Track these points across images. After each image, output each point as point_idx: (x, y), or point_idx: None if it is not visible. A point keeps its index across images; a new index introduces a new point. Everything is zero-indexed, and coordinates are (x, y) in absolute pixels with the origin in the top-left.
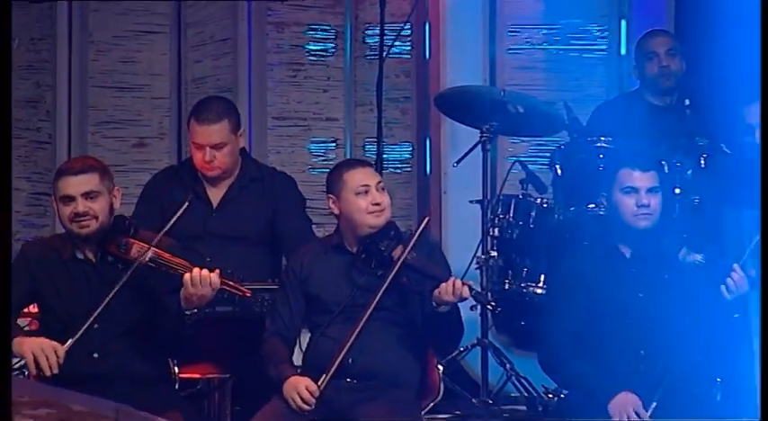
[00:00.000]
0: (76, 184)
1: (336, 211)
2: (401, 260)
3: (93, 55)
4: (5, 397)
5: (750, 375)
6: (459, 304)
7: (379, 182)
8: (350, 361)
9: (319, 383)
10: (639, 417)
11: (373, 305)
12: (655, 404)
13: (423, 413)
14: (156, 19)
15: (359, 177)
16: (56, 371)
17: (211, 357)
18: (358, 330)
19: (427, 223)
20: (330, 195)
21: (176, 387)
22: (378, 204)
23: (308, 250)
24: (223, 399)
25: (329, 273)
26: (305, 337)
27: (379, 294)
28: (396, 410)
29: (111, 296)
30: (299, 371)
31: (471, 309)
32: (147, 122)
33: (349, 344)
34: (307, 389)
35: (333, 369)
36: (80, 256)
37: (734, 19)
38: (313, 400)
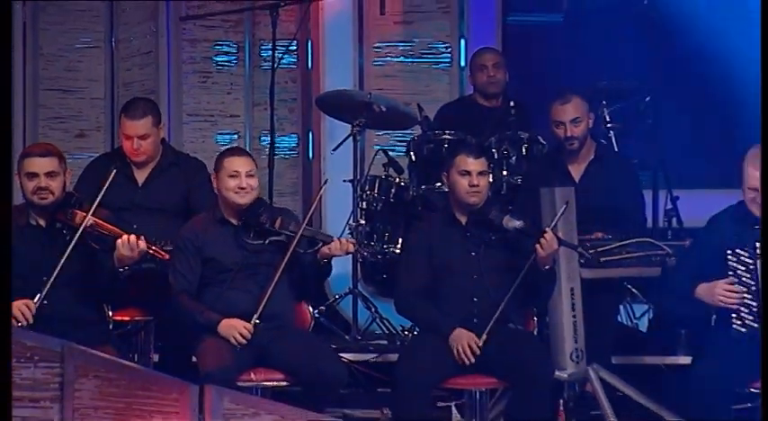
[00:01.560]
0: (41, 164)
1: (215, 189)
2: (300, 231)
3: (44, 64)
4: (5, 396)
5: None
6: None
7: (250, 169)
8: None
9: (252, 322)
10: (471, 347)
11: (282, 266)
12: (485, 336)
13: None
14: (94, 36)
15: (233, 164)
16: (30, 321)
17: (138, 303)
18: (273, 285)
19: (319, 201)
20: (213, 174)
21: (110, 327)
22: (243, 188)
23: (198, 222)
24: (147, 337)
25: (220, 241)
26: None
27: (286, 259)
28: (310, 344)
29: (66, 255)
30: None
31: None
32: (86, 118)
33: (268, 294)
34: (244, 328)
35: (260, 311)
36: (33, 223)
37: (547, 40)
38: (249, 336)
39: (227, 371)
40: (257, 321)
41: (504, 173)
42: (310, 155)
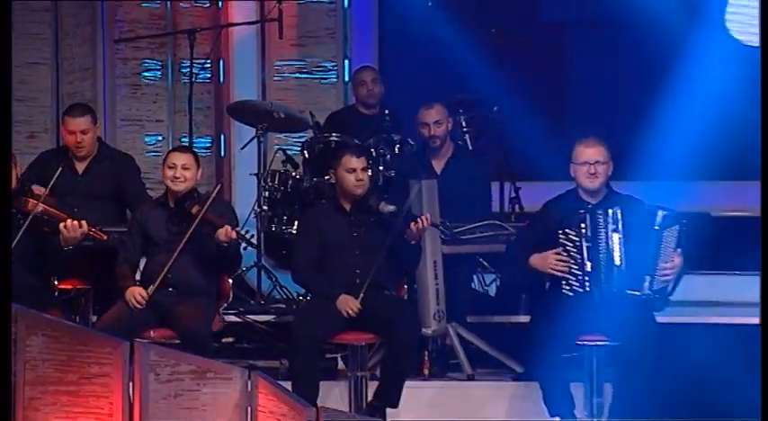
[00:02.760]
0: None
1: (161, 178)
2: (200, 214)
3: None
4: (6, 395)
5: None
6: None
7: (185, 163)
8: (169, 276)
9: (148, 291)
10: (352, 308)
11: (183, 241)
12: (362, 295)
13: (220, 310)
14: (43, 54)
15: (171, 157)
16: None
17: (80, 275)
18: (174, 257)
19: (220, 189)
20: (162, 167)
21: (56, 294)
22: (177, 177)
23: (146, 205)
24: (87, 303)
25: (157, 221)
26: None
27: (186, 236)
28: (199, 308)
29: (17, 238)
30: (137, 283)
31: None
32: (36, 122)
33: (168, 266)
34: (139, 294)
35: (158, 281)
36: None
37: (419, 56)
38: (144, 302)
39: (119, 328)
40: (153, 289)
41: (381, 168)
42: (222, 153)
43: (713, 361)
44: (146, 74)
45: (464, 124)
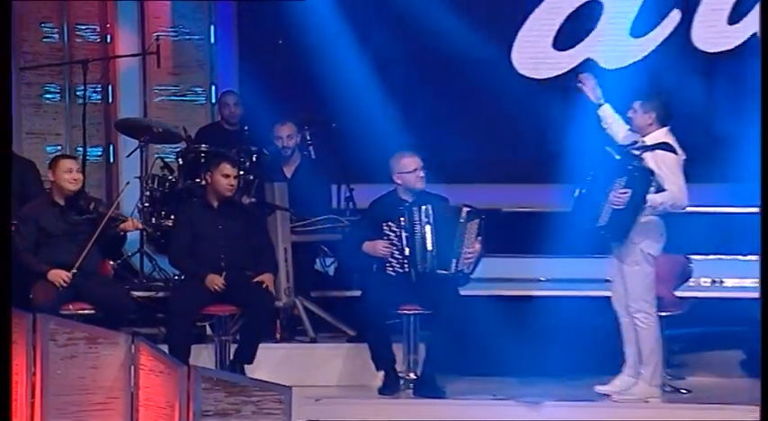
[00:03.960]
0: None
1: (51, 180)
2: (110, 212)
3: None
4: (5, 396)
5: None
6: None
7: (78, 167)
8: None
9: (71, 272)
10: (218, 285)
11: (95, 235)
12: (224, 274)
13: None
14: None
15: (66, 163)
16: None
17: None
18: (90, 246)
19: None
20: (50, 171)
21: None
22: (76, 179)
23: (36, 202)
24: None
25: (52, 216)
26: None
27: (98, 230)
28: (112, 283)
29: None
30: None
31: None
32: None
33: (85, 253)
34: (66, 276)
35: (78, 263)
36: None
37: (274, 81)
38: (68, 280)
39: (50, 303)
40: (75, 271)
41: (242, 173)
42: (111, 160)
43: (506, 326)
44: (47, 96)
45: (308, 138)
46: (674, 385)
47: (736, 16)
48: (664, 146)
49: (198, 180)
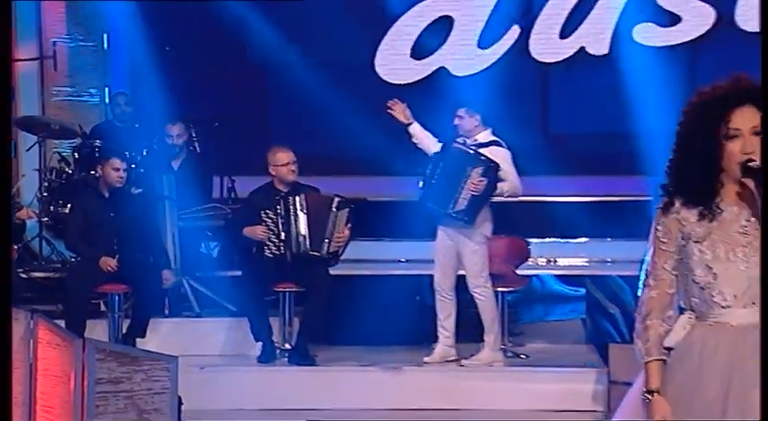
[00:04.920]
0: None
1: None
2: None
3: None
4: (5, 395)
5: None
6: None
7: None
8: None
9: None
10: (111, 265)
11: None
12: (117, 256)
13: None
14: None
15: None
16: None
17: None
18: None
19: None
20: None
21: None
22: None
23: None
24: None
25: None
26: None
27: None
28: None
29: None
30: None
31: None
32: None
33: None
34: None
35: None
36: None
37: (161, 85)
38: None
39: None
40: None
41: (132, 166)
42: (13, 154)
43: (370, 301)
44: None
45: (194, 135)
46: (515, 351)
47: (567, 32)
48: (497, 143)
49: (92, 172)
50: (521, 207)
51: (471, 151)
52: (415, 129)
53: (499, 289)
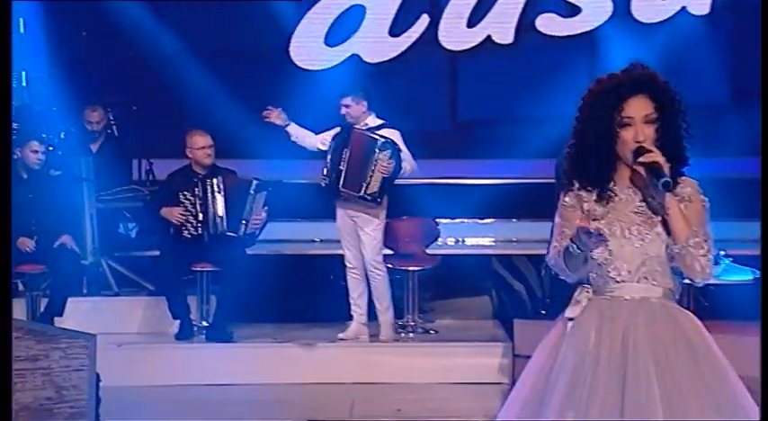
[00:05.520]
0: None
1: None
2: None
3: None
4: (5, 396)
5: None
6: None
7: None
8: None
9: None
10: (29, 245)
11: None
12: (36, 238)
13: None
14: None
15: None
16: None
17: None
18: None
19: None
20: None
21: None
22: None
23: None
24: None
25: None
26: None
27: None
28: None
29: None
30: None
31: None
32: None
33: None
34: None
35: None
36: None
37: (78, 70)
38: None
39: None
40: None
41: (51, 148)
42: None
43: (286, 279)
44: None
45: (112, 118)
46: (425, 327)
47: (474, 21)
48: (386, 125)
49: (15, 155)
50: (430, 189)
51: (376, 135)
52: (293, 129)
53: (410, 268)
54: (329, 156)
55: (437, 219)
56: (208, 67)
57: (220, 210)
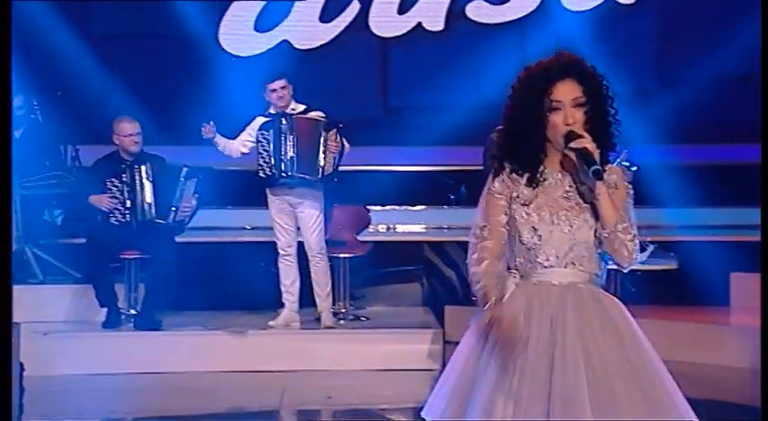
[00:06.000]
0: None
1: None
2: None
3: None
4: (5, 396)
5: None
6: None
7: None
8: None
9: None
10: None
11: None
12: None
13: None
14: None
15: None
16: None
17: None
18: None
19: None
20: None
21: None
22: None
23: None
24: None
25: None
26: None
27: None
28: None
29: None
30: None
31: None
32: None
33: None
34: None
35: None
36: None
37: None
38: None
39: None
40: None
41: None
42: None
43: (216, 267)
44: None
45: (35, 104)
46: (356, 314)
47: (404, 8)
48: (311, 108)
49: None
50: (361, 176)
51: (318, 117)
52: (219, 140)
53: (341, 255)
54: (269, 146)
55: (368, 207)
56: (135, 52)
57: (149, 196)
